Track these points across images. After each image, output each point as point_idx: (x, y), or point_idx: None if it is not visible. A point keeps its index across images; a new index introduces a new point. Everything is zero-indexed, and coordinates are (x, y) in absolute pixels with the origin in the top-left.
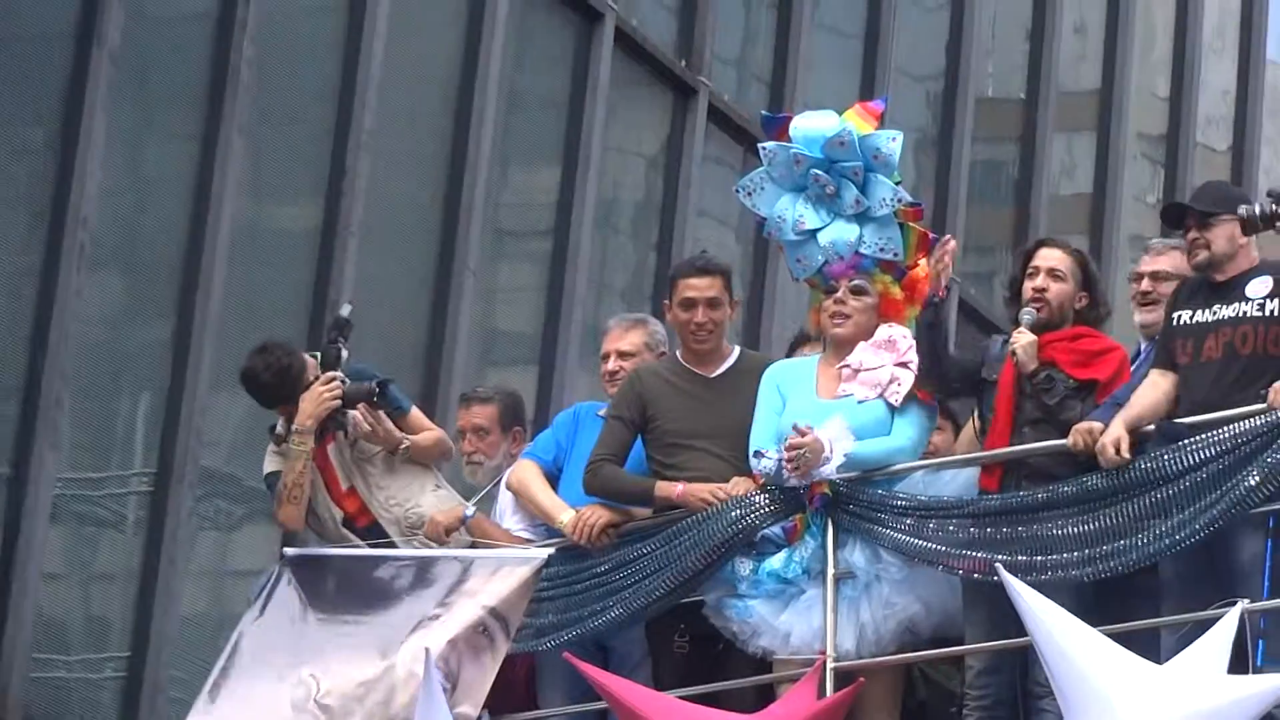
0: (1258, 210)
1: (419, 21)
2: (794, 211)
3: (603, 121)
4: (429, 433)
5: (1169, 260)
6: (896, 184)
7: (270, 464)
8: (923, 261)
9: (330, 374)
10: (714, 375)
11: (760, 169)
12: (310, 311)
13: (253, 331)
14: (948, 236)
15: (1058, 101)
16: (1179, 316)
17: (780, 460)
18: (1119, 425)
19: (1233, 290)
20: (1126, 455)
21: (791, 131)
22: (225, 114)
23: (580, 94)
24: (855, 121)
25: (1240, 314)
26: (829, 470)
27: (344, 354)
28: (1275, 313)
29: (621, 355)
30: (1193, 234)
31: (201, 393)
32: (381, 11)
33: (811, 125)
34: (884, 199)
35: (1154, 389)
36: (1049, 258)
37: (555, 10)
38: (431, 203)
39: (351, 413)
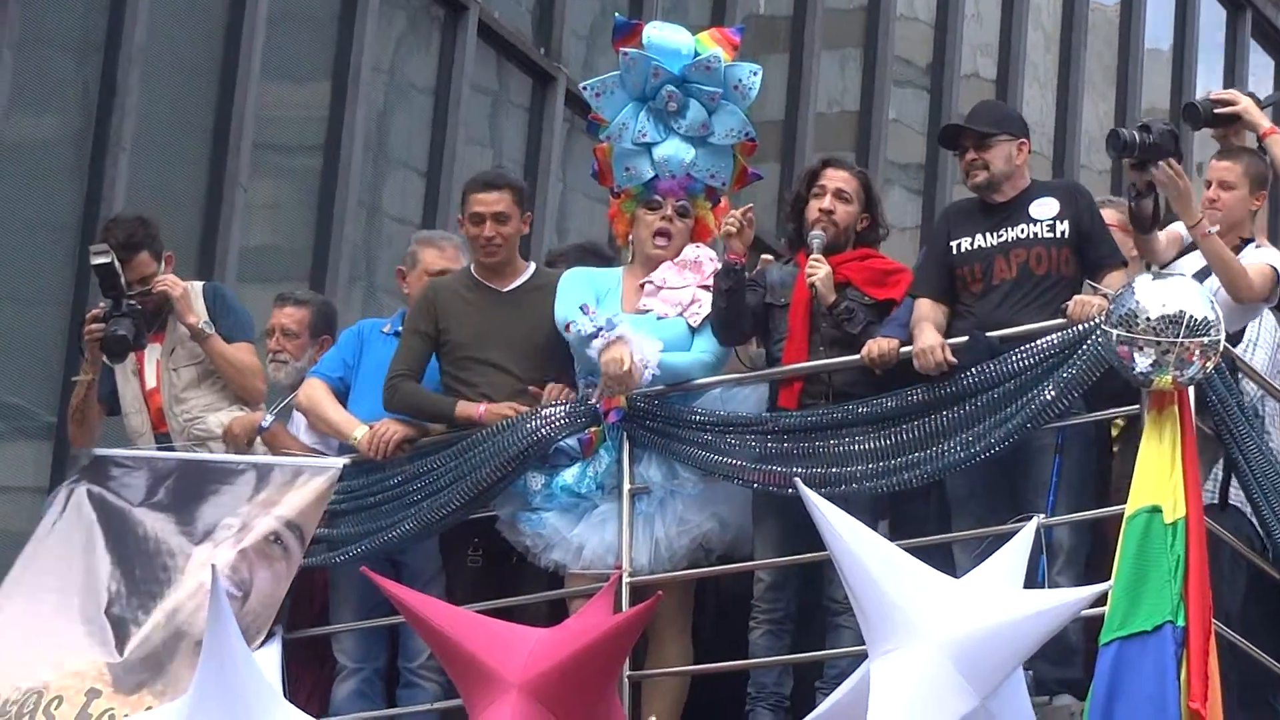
0: (1133, 136)
1: None
2: (637, 122)
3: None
4: (249, 357)
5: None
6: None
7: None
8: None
9: (93, 313)
10: (507, 289)
11: (614, 73)
12: (81, 225)
13: (24, 247)
14: (747, 207)
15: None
16: (958, 244)
17: (598, 329)
18: (931, 333)
19: (1015, 211)
20: (951, 358)
21: (646, 40)
22: None
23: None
24: (713, 46)
25: (1031, 235)
26: (646, 378)
27: (127, 301)
28: (1066, 234)
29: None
30: (970, 155)
31: None
32: None
33: (669, 39)
34: (731, 129)
35: (935, 311)
36: (836, 178)
37: None
38: (202, 118)
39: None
